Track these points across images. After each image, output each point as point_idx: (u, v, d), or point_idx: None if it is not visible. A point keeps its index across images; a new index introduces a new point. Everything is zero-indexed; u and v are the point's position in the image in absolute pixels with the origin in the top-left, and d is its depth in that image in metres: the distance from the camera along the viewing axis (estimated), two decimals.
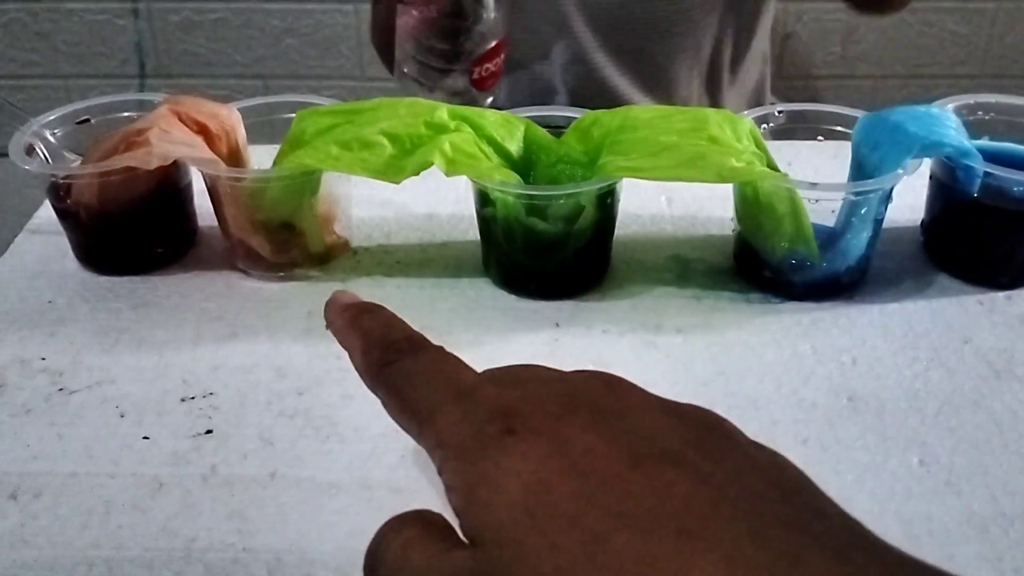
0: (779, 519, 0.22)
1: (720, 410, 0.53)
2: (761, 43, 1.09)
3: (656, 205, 0.72)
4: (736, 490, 0.22)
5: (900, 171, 0.57)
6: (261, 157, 0.68)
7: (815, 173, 0.73)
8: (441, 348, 0.29)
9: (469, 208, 0.67)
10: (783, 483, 0.24)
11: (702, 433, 0.25)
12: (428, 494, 0.48)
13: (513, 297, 0.63)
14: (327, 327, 0.32)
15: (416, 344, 0.29)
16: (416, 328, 0.60)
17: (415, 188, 0.74)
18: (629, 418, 0.25)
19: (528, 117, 0.64)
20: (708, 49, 1.04)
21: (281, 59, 1.76)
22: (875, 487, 0.48)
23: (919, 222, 0.67)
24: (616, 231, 0.65)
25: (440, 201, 0.73)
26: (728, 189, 0.64)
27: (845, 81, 1.81)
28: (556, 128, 0.64)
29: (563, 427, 0.24)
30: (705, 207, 0.72)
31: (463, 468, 0.24)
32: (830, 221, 0.60)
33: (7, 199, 1.33)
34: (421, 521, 0.26)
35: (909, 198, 0.69)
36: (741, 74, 1.08)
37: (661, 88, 1.04)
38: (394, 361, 0.28)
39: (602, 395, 0.26)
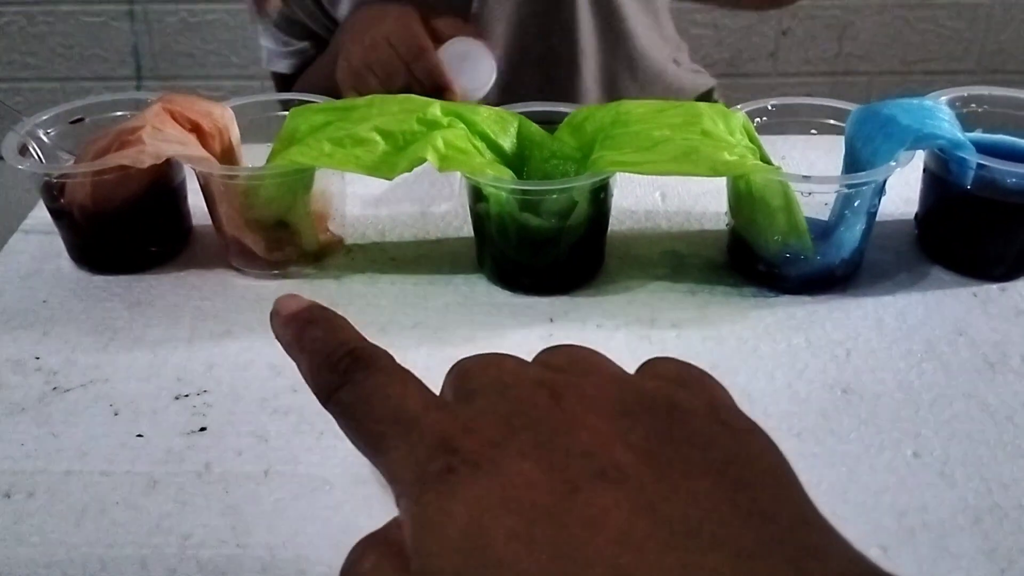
0: (717, 540, 0.21)
1: None
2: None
3: (650, 201, 0.72)
4: (677, 507, 0.22)
5: (893, 163, 0.57)
6: (255, 156, 0.67)
7: (809, 167, 0.73)
8: (388, 364, 0.28)
9: (463, 205, 0.67)
10: (734, 478, 0.23)
11: (652, 433, 0.24)
12: None
13: (507, 292, 0.63)
14: (276, 339, 0.31)
15: (361, 363, 0.28)
16: (410, 324, 0.60)
17: (408, 185, 0.74)
18: (572, 432, 0.24)
19: (521, 113, 0.64)
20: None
21: None
22: (869, 479, 0.48)
23: (913, 215, 0.67)
24: (610, 227, 0.65)
25: (434, 198, 0.73)
26: (722, 184, 0.64)
27: (841, 77, 1.82)
28: (549, 124, 0.64)
29: (503, 456, 0.24)
30: (699, 202, 0.72)
31: (409, 508, 0.24)
32: (824, 215, 0.60)
33: (1, 200, 1.33)
34: (385, 547, 0.26)
35: (903, 191, 0.69)
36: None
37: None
38: (341, 386, 0.27)
39: (546, 408, 0.25)
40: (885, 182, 0.60)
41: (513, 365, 0.28)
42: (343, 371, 0.28)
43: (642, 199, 0.72)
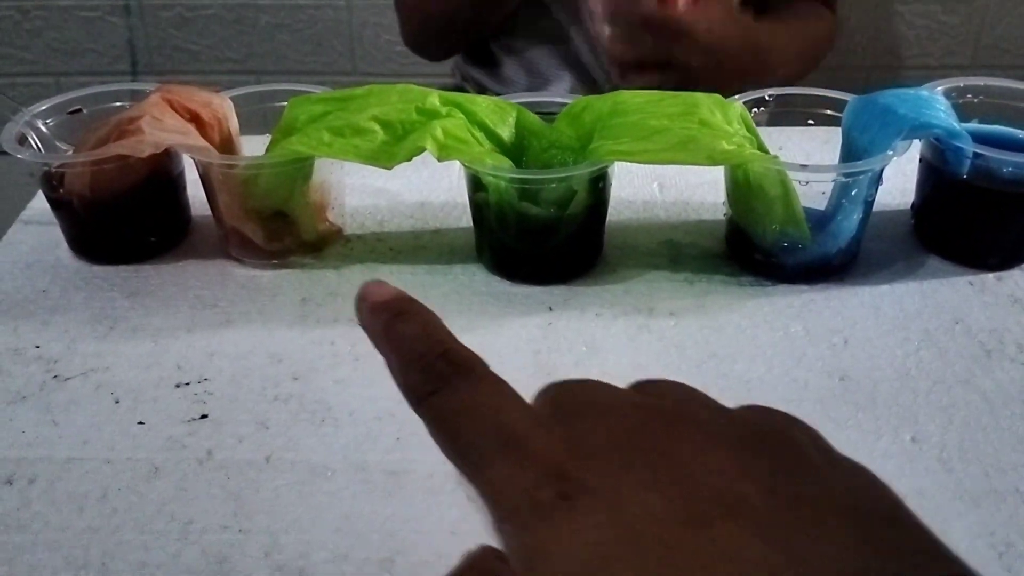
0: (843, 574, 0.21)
1: (712, 392, 0.53)
2: None
3: (648, 191, 0.73)
4: (809, 544, 0.21)
5: (890, 152, 0.57)
6: (255, 147, 0.67)
7: (807, 158, 0.74)
8: (485, 372, 0.26)
9: (462, 195, 0.67)
10: (859, 515, 0.22)
11: (774, 466, 0.23)
12: (421, 475, 0.48)
13: (506, 282, 0.63)
14: (362, 327, 0.29)
15: (458, 368, 0.26)
16: None
17: (408, 176, 0.74)
18: (691, 463, 0.23)
19: (520, 103, 0.64)
20: None
21: (274, 55, 1.76)
22: (867, 464, 0.48)
23: (910, 205, 0.68)
24: (609, 217, 0.65)
25: (433, 189, 0.73)
26: (720, 174, 0.64)
27: (837, 73, 1.82)
28: (548, 114, 0.65)
29: (620, 486, 0.22)
30: (697, 193, 0.72)
31: (519, 534, 0.23)
32: (821, 204, 0.61)
33: (0, 191, 1.33)
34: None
35: (900, 181, 0.69)
36: None
37: None
38: (435, 391, 0.26)
39: (661, 437, 0.24)
40: (882, 171, 0.60)
41: (610, 388, 0.27)
42: (438, 375, 0.26)
43: (640, 189, 0.73)
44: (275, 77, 1.76)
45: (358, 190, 0.72)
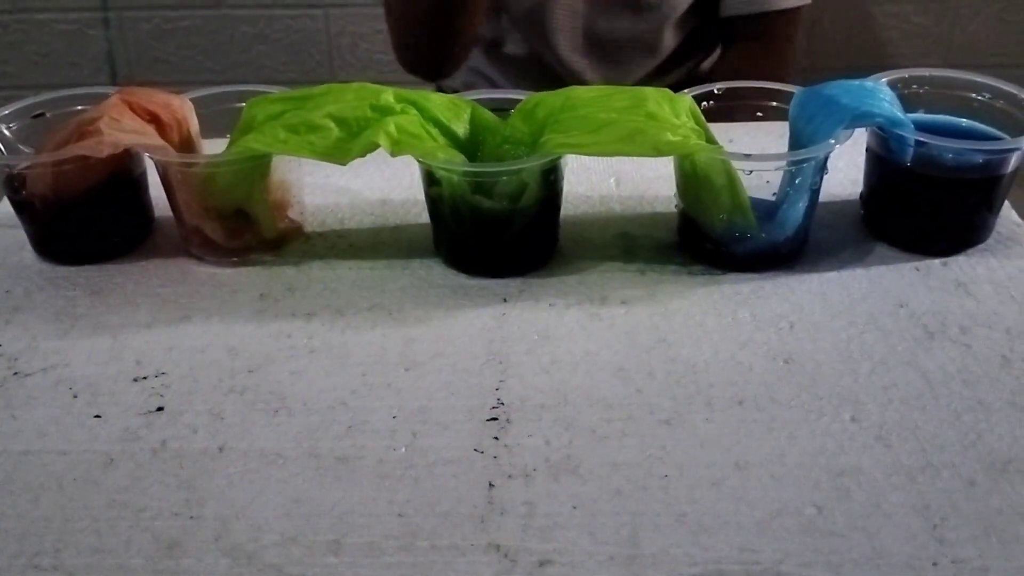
0: None
1: (659, 375, 0.55)
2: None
3: (605, 186, 0.74)
4: None
5: (832, 141, 0.59)
6: (217, 149, 0.68)
7: (759, 151, 0.75)
8: None
9: (423, 193, 0.68)
10: None
11: None
12: (371, 461, 0.49)
13: (463, 276, 0.64)
14: None
15: None
16: (366, 307, 0.62)
17: (370, 175, 0.76)
18: None
19: (475, 100, 0.66)
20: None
21: (252, 65, 1.77)
22: (807, 443, 0.50)
23: (859, 195, 0.69)
24: (566, 212, 0.67)
25: (395, 187, 0.75)
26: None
27: (809, 75, 1.84)
28: (503, 110, 0.66)
29: None
30: (652, 187, 0.73)
31: None
32: (768, 193, 0.62)
33: None
34: None
35: (851, 173, 0.70)
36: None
37: None
38: None
39: None
40: (826, 160, 0.61)
41: None
42: None
43: (597, 185, 0.74)
44: (254, 87, 1.78)
45: (320, 189, 0.74)
